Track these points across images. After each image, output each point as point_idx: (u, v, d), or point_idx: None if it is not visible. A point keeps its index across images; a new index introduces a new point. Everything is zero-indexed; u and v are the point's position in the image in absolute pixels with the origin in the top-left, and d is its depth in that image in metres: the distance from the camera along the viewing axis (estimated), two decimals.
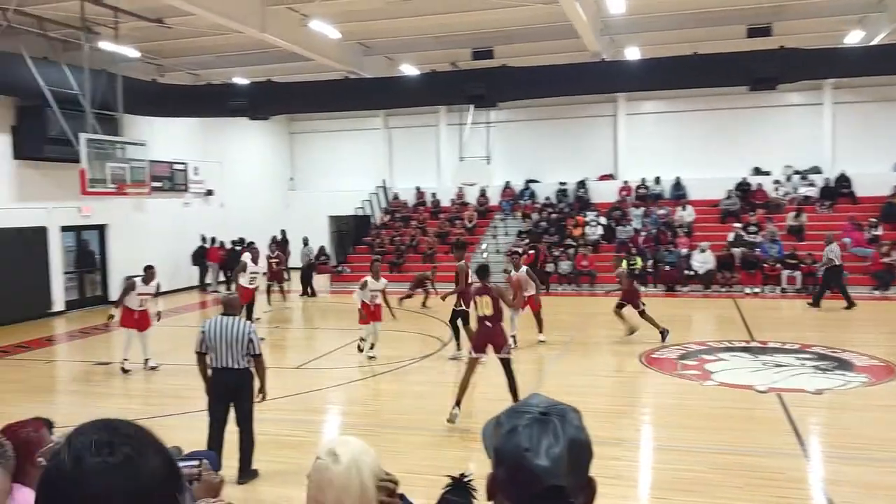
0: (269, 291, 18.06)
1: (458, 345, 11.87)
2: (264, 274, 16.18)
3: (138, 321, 11.52)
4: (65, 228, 18.09)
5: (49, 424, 3.15)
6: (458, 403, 8.29)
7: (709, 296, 18.92)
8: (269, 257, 17.62)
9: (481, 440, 1.40)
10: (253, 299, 14.29)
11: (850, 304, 16.07)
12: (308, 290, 20.65)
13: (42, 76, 14.79)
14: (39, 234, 17.18)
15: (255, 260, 14.58)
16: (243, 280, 14.13)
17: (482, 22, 16.64)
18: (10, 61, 14.70)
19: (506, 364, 8.44)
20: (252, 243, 17.40)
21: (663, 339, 12.46)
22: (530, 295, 12.78)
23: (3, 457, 2.22)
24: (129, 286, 11.59)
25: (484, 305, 8.49)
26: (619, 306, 13.13)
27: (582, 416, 1.36)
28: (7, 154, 16.47)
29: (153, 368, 11.48)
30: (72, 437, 1.15)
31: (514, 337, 11.50)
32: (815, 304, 16.35)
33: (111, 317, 12.09)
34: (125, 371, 11.28)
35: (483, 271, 8.95)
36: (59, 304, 17.76)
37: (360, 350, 12.04)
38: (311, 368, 11.81)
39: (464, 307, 11.50)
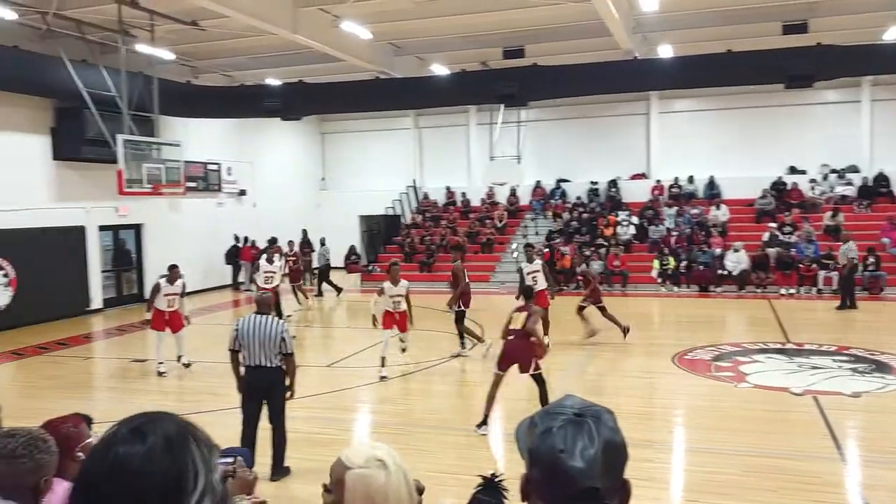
0: (295, 291, 18.23)
1: (463, 343, 12.29)
2: (285, 274, 16.33)
3: (169, 322, 11.54)
4: (102, 228, 18.45)
5: (88, 420, 3.22)
6: (485, 420, 8.14)
7: (743, 297, 18.67)
8: (286, 256, 17.78)
9: (515, 441, 1.41)
10: (276, 298, 14.40)
11: (844, 306, 16.09)
12: (321, 289, 20.62)
13: (80, 78, 15.09)
14: (78, 233, 17.54)
15: (269, 259, 14.70)
16: (259, 280, 14.32)
17: (513, 21, 16.60)
18: (49, 64, 15.04)
19: (535, 379, 8.26)
20: (275, 241, 17.61)
21: (625, 335, 12.53)
22: (540, 290, 12.56)
23: (47, 452, 2.28)
24: (154, 288, 11.68)
25: (517, 321, 8.35)
26: (581, 308, 13.13)
27: (616, 418, 1.36)
28: (47, 155, 16.84)
29: (187, 366, 11.63)
30: (121, 422, 1.19)
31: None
32: (852, 305, 16.12)
33: (147, 320, 12.23)
34: (161, 374, 11.36)
35: (528, 292, 8.81)
36: (96, 302, 18.11)
37: (404, 351, 11.66)
38: (341, 367, 11.89)
39: (464, 307, 12.21)
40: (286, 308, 15.30)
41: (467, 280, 12.62)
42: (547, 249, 20.94)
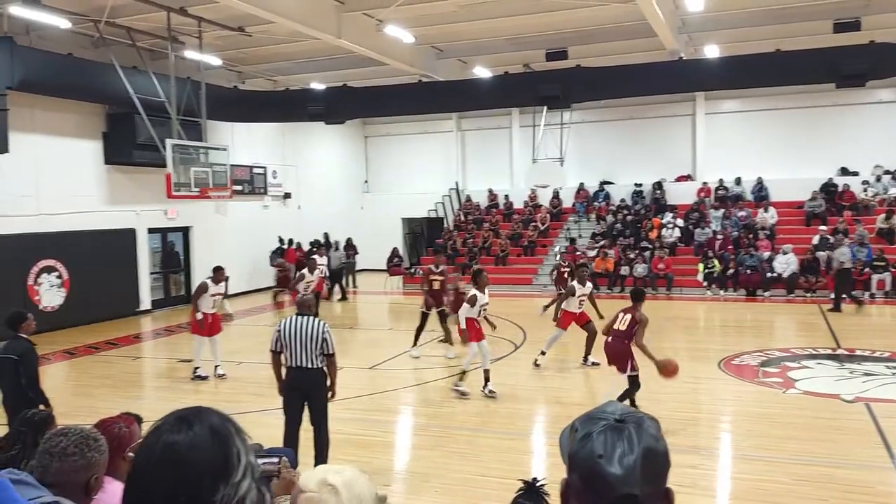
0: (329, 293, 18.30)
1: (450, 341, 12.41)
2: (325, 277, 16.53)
3: (210, 326, 11.49)
4: (151, 230, 18.89)
5: (139, 420, 3.30)
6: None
7: (792, 301, 18.25)
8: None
9: (559, 445, 1.40)
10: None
11: (836, 309, 16.01)
12: (331, 293, 20.45)
13: (131, 84, 15.48)
14: (128, 235, 17.98)
15: (311, 270, 14.76)
16: (300, 288, 14.18)
17: (556, 23, 16.50)
18: (101, 71, 15.46)
19: (630, 380, 8.70)
20: (319, 246, 17.72)
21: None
22: (582, 312, 11.97)
23: (98, 451, 2.34)
24: (200, 288, 11.68)
25: (621, 322, 8.79)
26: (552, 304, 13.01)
27: (660, 426, 1.34)
28: (99, 159, 17.32)
29: (221, 376, 11.47)
30: (167, 415, 1.27)
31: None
32: (836, 309, 16.09)
33: (191, 322, 12.32)
34: (203, 378, 11.33)
35: (638, 295, 9.13)
36: (145, 303, 18.53)
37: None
38: (383, 369, 11.96)
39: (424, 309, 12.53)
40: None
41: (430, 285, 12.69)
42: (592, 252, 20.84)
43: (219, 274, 11.69)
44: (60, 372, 12.35)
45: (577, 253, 21.14)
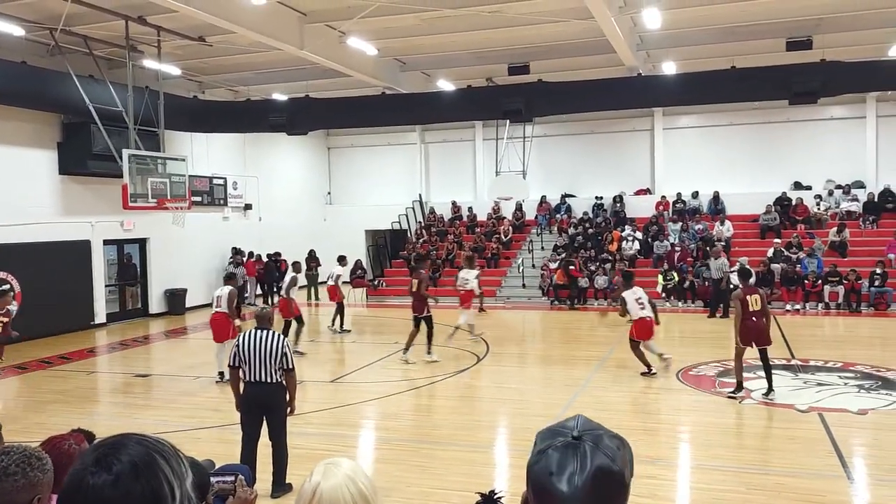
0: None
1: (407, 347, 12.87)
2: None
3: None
4: (107, 242, 18.51)
5: (90, 437, 3.22)
6: (740, 387, 10.04)
7: None
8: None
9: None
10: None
11: (714, 316, 17.53)
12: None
13: (87, 94, 15.20)
14: (83, 247, 17.59)
15: (296, 270, 15.03)
16: (293, 292, 14.18)
17: (518, 38, 16.68)
18: (56, 79, 15.16)
19: (762, 353, 9.95)
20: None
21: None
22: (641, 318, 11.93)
23: (41, 470, 2.27)
24: (238, 294, 12.00)
25: (753, 303, 9.87)
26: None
27: (623, 444, 1.30)
28: (53, 169, 16.94)
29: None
30: (86, 451, 1.22)
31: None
32: (713, 315, 17.51)
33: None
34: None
35: (745, 274, 11.08)
36: (100, 316, 18.13)
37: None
38: (345, 382, 11.87)
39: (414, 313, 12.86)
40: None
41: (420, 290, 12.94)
42: (554, 264, 21.00)
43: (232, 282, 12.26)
44: (12, 387, 12.01)
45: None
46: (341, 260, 16.92)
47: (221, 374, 11.20)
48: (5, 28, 13.73)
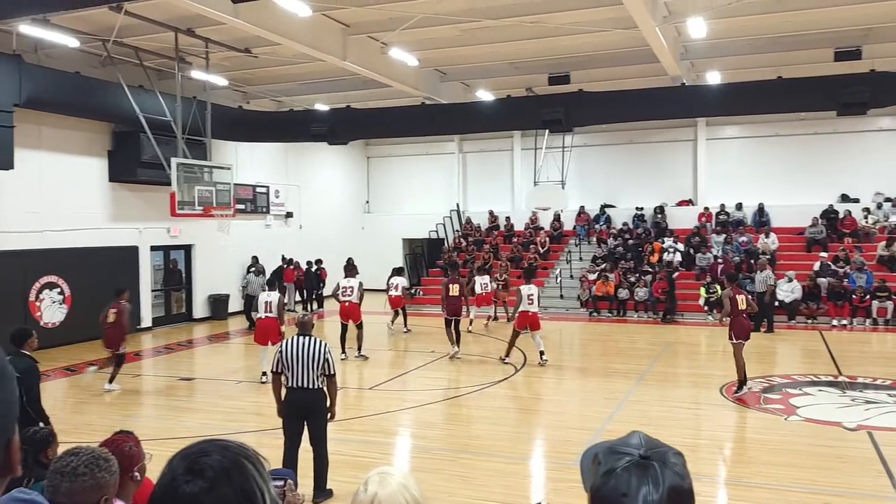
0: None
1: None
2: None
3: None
4: (154, 248, 18.92)
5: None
6: (744, 382, 10.78)
7: (793, 327, 18.22)
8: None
9: (579, 471, 1.39)
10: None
11: (758, 330, 16.24)
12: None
13: (137, 103, 15.59)
14: (131, 252, 17.99)
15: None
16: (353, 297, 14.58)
17: (558, 47, 16.65)
18: (108, 90, 15.59)
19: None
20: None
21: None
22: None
23: (108, 471, 2.33)
24: (282, 301, 12.44)
25: (741, 302, 10.97)
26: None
27: (684, 460, 1.30)
28: (103, 176, 17.39)
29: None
30: (173, 460, 1.22)
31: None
32: (769, 330, 16.98)
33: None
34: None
35: (732, 277, 12.04)
36: (146, 320, 18.51)
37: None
38: (383, 390, 11.93)
39: (448, 316, 14.22)
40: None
41: (454, 293, 14.33)
42: (592, 275, 20.85)
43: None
44: (60, 388, 12.31)
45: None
46: (400, 271, 18.36)
47: (265, 373, 11.57)
48: (61, 39, 14.17)
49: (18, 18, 12.54)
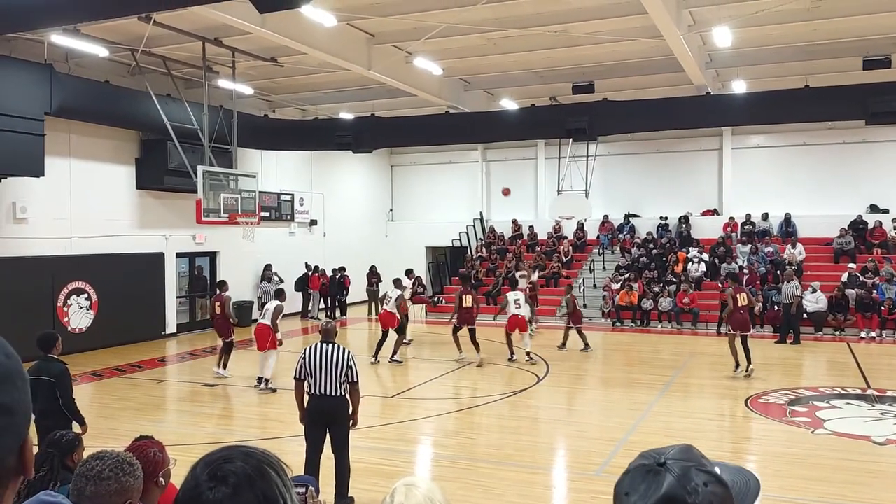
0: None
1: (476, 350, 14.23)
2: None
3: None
4: (179, 255, 19.13)
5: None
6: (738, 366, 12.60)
7: (820, 339, 17.96)
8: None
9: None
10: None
11: (783, 341, 17.03)
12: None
13: (165, 112, 15.81)
14: (157, 259, 18.21)
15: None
16: (388, 306, 15.25)
17: (583, 56, 16.63)
18: (137, 98, 15.83)
19: (743, 339, 12.87)
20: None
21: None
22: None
23: (133, 475, 2.36)
24: (280, 309, 12.64)
25: (742, 299, 12.81)
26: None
27: (718, 484, 1.22)
28: (131, 184, 17.64)
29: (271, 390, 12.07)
30: (196, 467, 1.22)
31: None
32: (796, 341, 16.96)
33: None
34: (274, 390, 11.91)
35: (734, 277, 14.42)
36: (171, 326, 18.70)
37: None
38: (405, 398, 11.93)
39: (457, 324, 14.70)
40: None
41: (467, 305, 14.65)
42: (616, 285, 20.71)
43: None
44: (86, 393, 12.46)
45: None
46: (409, 273, 18.49)
47: (260, 379, 12.09)
48: (91, 49, 14.44)
49: (50, 28, 12.79)
